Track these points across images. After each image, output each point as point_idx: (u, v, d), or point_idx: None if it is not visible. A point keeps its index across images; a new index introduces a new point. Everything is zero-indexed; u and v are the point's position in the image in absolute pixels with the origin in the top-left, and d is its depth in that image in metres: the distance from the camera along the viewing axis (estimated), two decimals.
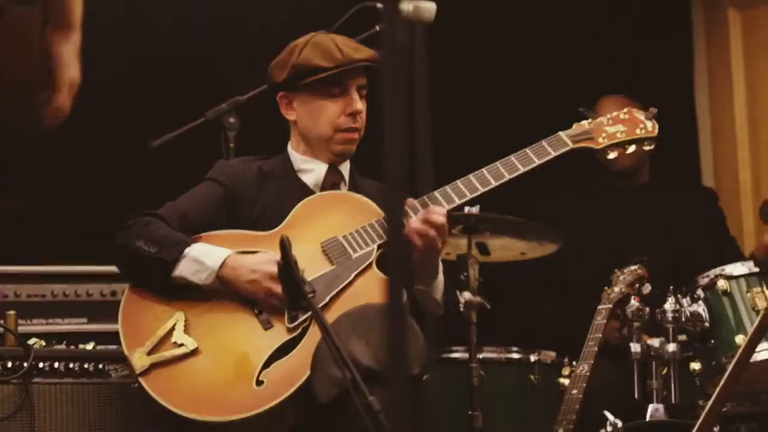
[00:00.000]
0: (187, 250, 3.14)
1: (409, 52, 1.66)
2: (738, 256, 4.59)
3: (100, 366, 3.49)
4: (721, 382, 3.13)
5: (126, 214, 3.39)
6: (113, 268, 3.87)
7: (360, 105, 3.39)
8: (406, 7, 4.22)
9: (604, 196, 4.67)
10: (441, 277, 3.27)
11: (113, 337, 3.66)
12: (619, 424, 3.54)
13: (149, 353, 3.07)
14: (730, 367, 3.14)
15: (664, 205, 4.63)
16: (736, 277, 3.77)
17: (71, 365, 3.46)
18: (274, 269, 3.02)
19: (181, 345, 3.08)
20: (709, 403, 3.14)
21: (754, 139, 5.32)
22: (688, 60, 5.53)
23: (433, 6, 3.91)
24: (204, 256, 3.14)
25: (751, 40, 5.33)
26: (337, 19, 3.82)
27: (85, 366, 3.47)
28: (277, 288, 3.04)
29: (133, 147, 4.31)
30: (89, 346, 3.57)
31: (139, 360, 3.05)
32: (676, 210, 4.62)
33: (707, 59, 5.51)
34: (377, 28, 3.96)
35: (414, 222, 3.13)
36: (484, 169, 3.29)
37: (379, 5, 3.92)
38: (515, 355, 4.07)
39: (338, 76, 3.37)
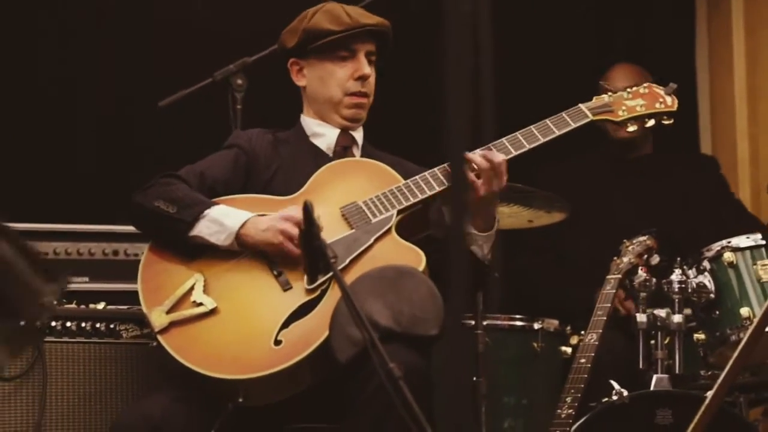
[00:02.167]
0: (207, 211, 3.15)
1: (473, 18, 1.65)
2: (745, 217, 4.64)
3: (112, 326, 3.50)
4: (734, 355, 3.16)
5: (131, 173, 3.38)
6: (116, 227, 3.89)
7: (368, 69, 3.44)
8: None
9: (607, 167, 4.68)
10: (493, 233, 3.24)
11: (118, 296, 3.68)
12: (625, 393, 3.56)
13: (168, 312, 3.06)
14: (744, 340, 3.16)
15: (666, 176, 4.65)
16: (742, 249, 3.80)
17: (83, 324, 3.46)
18: (290, 212, 3.10)
19: (200, 304, 3.07)
20: (722, 375, 3.16)
21: (752, 111, 5.34)
22: (690, 32, 5.54)
23: None
24: (224, 218, 3.14)
25: (753, 12, 5.34)
26: None
27: (97, 326, 3.47)
28: (294, 229, 3.06)
29: (140, 106, 4.30)
30: (100, 306, 3.56)
31: (158, 318, 3.04)
32: (678, 180, 4.64)
33: (708, 31, 5.53)
34: None
35: (474, 156, 3.15)
36: (503, 139, 3.29)
37: None
38: (519, 323, 4.09)
39: (347, 41, 3.42)
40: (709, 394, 3.23)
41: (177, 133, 4.43)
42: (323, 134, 3.48)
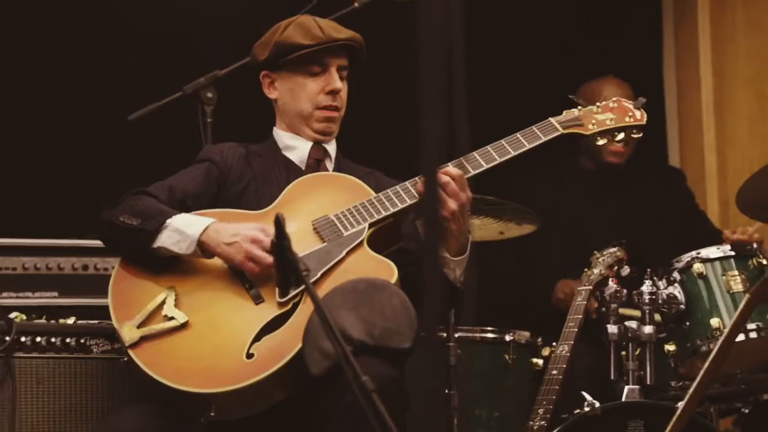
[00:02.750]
0: (169, 220, 3.13)
1: (445, 29, 1.65)
2: (709, 230, 4.67)
3: (82, 341, 3.47)
4: (705, 366, 3.17)
5: (100, 186, 3.36)
6: (85, 242, 3.86)
7: (339, 84, 3.44)
8: None
9: (576, 179, 4.70)
10: (466, 256, 3.22)
11: (88, 311, 3.65)
12: (597, 404, 3.57)
13: (139, 326, 3.04)
14: (714, 351, 3.18)
15: (635, 188, 4.68)
16: (712, 260, 3.84)
17: (53, 340, 3.43)
18: (258, 234, 3.07)
19: (172, 318, 3.05)
20: (693, 386, 3.18)
21: (720, 123, 5.39)
22: (657, 46, 5.58)
23: None
24: (185, 226, 3.13)
25: (719, 26, 5.40)
26: None
27: (67, 341, 3.45)
28: (258, 252, 3.06)
29: (109, 119, 4.28)
30: (70, 321, 3.54)
31: (129, 333, 3.03)
32: (646, 193, 4.67)
33: (676, 43, 5.58)
34: (356, 4, 3.97)
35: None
36: (474, 153, 3.30)
37: None
38: (490, 335, 4.09)
39: (318, 55, 3.42)
40: (681, 404, 3.25)
41: (147, 146, 4.42)
42: (295, 147, 3.48)
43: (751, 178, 4.08)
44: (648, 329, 3.76)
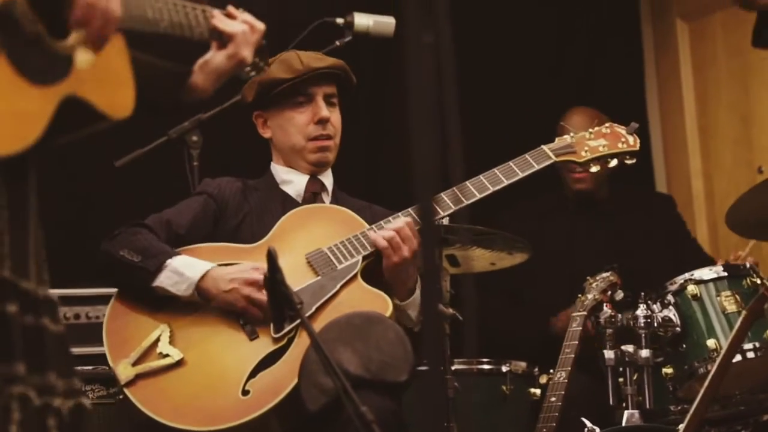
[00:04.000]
0: (169, 261, 3.13)
1: (434, 52, 1.65)
2: (700, 256, 4.67)
3: None
4: (703, 388, 3.17)
5: (89, 235, 3.33)
6: (76, 291, 3.83)
7: (326, 112, 3.45)
8: (366, 22, 4.23)
9: (566, 207, 4.70)
10: (418, 293, 3.25)
11: (82, 359, 3.62)
12: (597, 430, 3.56)
13: (134, 364, 3.04)
14: (712, 372, 3.18)
15: (624, 215, 4.67)
16: (705, 282, 3.83)
17: None
18: (253, 276, 3.08)
19: (167, 356, 3.06)
20: (692, 407, 3.17)
21: (705, 148, 5.40)
22: (639, 71, 5.59)
23: (392, 21, 3.94)
24: (184, 268, 3.13)
25: (699, 50, 5.42)
26: (299, 34, 3.84)
27: None
28: (257, 294, 3.06)
29: (95, 166, 4.26)
30: None
31: (124, 371, 3.02)
32: (636, 219, 4.66)
33: (657, 70, 5.60)
34: (337, 43, 3.97)
35: (383, 231, 3.17)
36: (467, 182, 3.31)
37: (339, 21, 3.93)
38: (486, 367, 4.07)
39: (302, 86, 3.44)
40: (681, 427, 3.24)
41: (135, 192, 4.40)
42: (292, 181, 3.50)
43: (738, 200, 4.08)
44: (645, 353, 3.75)
